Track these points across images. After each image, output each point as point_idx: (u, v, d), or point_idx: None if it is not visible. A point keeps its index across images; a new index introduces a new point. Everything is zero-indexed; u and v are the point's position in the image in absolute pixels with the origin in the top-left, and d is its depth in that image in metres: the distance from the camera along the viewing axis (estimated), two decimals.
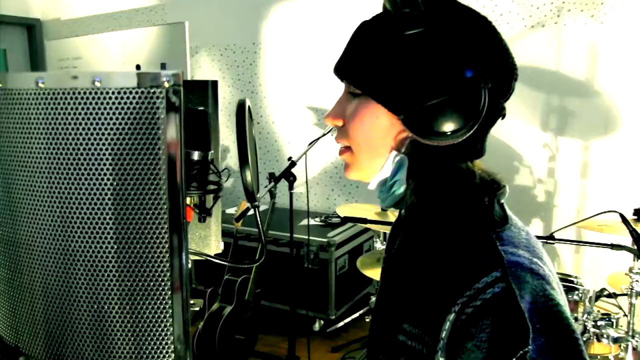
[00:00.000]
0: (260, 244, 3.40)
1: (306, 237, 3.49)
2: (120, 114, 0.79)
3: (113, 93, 0.78)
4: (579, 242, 2.86)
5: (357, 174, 0.91)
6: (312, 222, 3.87)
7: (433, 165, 0.84)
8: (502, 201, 0.89)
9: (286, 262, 3.55)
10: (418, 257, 0.86)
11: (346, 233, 3.75)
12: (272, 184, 2.75)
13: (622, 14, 3.18)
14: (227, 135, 4.18)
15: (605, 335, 2.45)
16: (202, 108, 1.15)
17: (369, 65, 0.82)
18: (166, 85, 0.80)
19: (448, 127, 0.78)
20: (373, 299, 3.01)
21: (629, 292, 2.45)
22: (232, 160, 4.25)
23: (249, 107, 1.12)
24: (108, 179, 0.79)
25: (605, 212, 2.22)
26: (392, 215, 2.93)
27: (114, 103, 0.78)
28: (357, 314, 3.44)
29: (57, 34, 5.19)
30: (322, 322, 3.65)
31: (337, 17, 3.82)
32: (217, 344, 2.98)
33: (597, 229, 2.44)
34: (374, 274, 2.85)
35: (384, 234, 3.11)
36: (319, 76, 3.91)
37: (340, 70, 0.88)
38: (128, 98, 0.79)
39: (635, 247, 2.13)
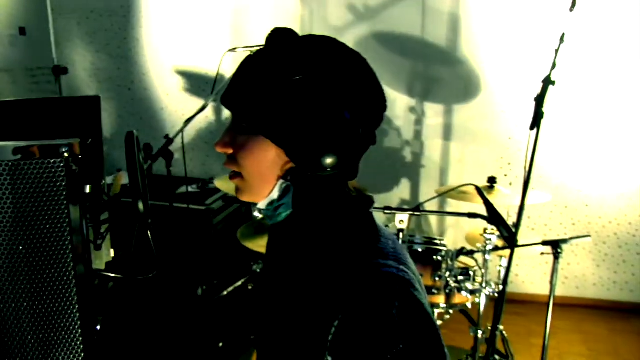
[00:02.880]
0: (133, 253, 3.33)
1: (185, 205, 3.48)
2: (19, 185, 0.80)
3: (13, 165, 0.79)
4: (441, 213, 3.11)
5: (248, 197, 0.99)
6: (189, 189, 3.83)
7: (315, 189, 0.94)
8: (371, 210, 1.00)
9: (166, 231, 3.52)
10: (303, 270, 0.96)
11: (223, 200, 3.77)
12: (149, 162, 2.70)
13: None
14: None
15: (464, 288, 2.75)
16: (90, 141, 1.12)
17: (258, 106, 0.90)
18: (65, 155, 0.82)
19: (327, 161, 0.89)
20: (254, 267, 3.09)
21: (483, 250, 2.73)
22: (105, 128, 4.06)
23: (136, 137, 1.11)
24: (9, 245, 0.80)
25: (463, 185, 2.44)
26: None
27: (14, 174, 0.79)
28: (239, 282, 3.52)
29: None
30: (204, 287, 3.69)
31: None
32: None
33: (458, 197, 2.67)
34: (254, 244, 2.91)
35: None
36: (189, 40, 3.79)
37: (230, 104, 0.94)
38: (28, 170, 0.80)
39: (488, 215, 2.36)
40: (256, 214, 3.24)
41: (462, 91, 3.58)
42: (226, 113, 3.91)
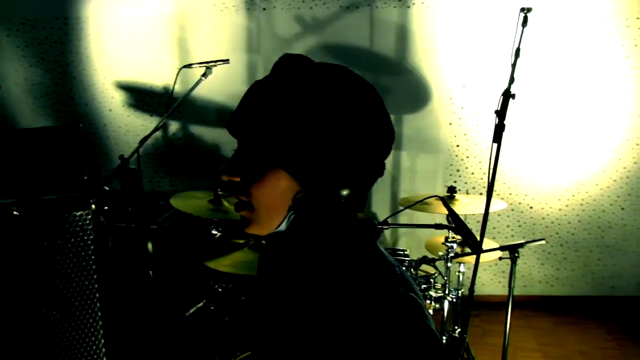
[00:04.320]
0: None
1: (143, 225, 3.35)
2: (50, 237, 0.78)
3: (43, 220, 0.76)
4: (409, 225, 3.17)
5: (256, 229, 0.97)
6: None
7: (325, 220, 0.93)
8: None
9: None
10: (311, 295, 0.91)
11: (175, 218, 3.66)
12: (104, 186, 2.59)
13: (425, 1, 3.47)
14: (37, 121, 3.76)
15: (428, 297, 2.82)
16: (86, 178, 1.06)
17: (273, 136, 0.88)
18: (93, 207, 0.80)
19: (343, 192, 0.89)
20: (216, 286, 3.03)
21: (445, 258, 2.81)
22: None
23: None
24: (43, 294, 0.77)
25: (428, 197, 2.50)
26: (227, 204, 2.94)
27: (44, 229, 0.76)
28: (201, 303, 3.44)
29: None
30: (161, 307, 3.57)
31: None
32: None
33: (420, 208, 2.73)
34: (217, 264, 2.85)
35: (218, 221, 3.07)
36: (132, 54, 3.66)
37: (240, 133, 0.92)
38: (58, 224, 0.77)
39: (454, 225, 2.43)
40: (214, 231, 3.17)
41: (411, 101, 3.66)
42: (173, 128, 3.81)
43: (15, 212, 0.76)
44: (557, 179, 3.71)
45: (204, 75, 2.78)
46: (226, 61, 2.81)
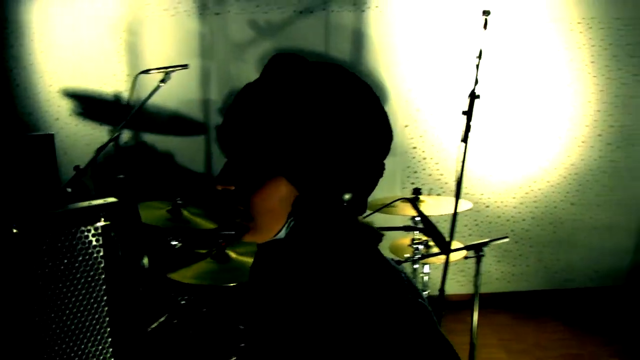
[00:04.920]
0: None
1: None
2: (55, 257, 0.72)
3: (46, 238, 0.71)
4: (380, 229, 3.17)
5: (255, 238, 0.93)
6: None
7: (325, 223, 0.90)
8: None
9: None
10: (314, 302, 0.88)
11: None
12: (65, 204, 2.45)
13: (379, 4, 3.50)
14: None
15: None
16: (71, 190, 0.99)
17: (271, 142, 0.84)
18: (102, 220, 0.75)
19: (345, 197, 0.87)
20: (179, 298, 2.93)
21: (412, 260, 2.83)
22: None
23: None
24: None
25: (397, 199, 2.50)
26: (187, 214, 2.86)
27: (48, 248, 0.70)
28: (163, 317, 3.31)
29: None
30: None
31: None
32: None
33: (384, 210, 2.73)
34: (179, 276, 2.76)
35: (178, 228, 2.97)
36: (79, 60, 3.50)
37: (233, 143, 0.88)
38: (64, 241, 0.72)
39: (423, 227, 2.45)
40: (174, 242, 3.07)
41: None
42: (124, 136, 3.66)
43: (14, 230, 0.69)
44: (511, 177, 3.81)
45: (163, 81, 2.70)
46: (185, 66, 2.74)
